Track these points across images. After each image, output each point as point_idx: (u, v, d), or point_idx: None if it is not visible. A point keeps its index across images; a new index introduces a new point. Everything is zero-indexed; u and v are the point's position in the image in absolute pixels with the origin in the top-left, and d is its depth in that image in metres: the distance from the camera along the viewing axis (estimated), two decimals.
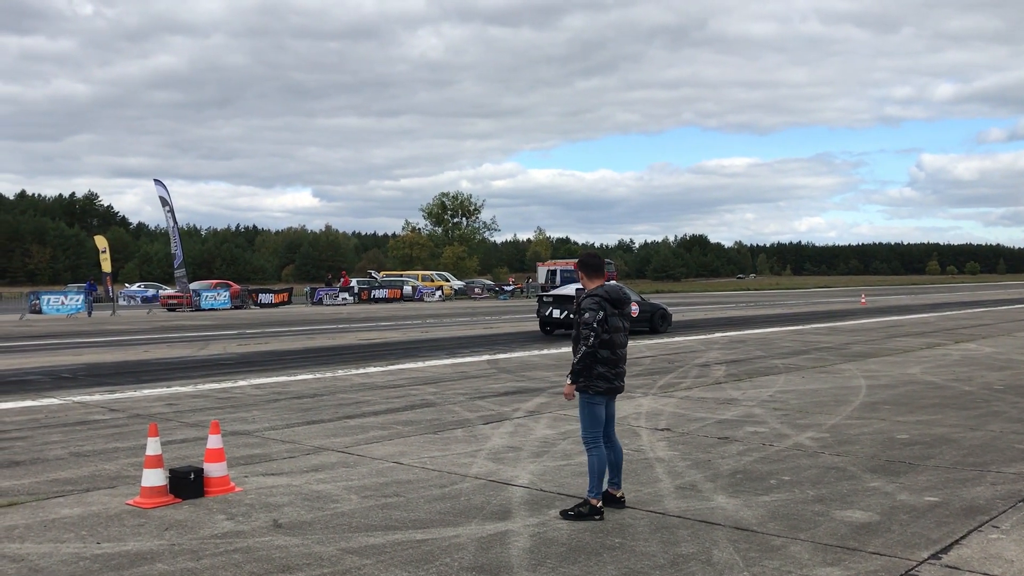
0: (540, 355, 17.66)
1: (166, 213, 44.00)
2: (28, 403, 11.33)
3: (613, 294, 6.06)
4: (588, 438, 6.05)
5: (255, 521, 5.91)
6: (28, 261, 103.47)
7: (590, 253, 6.43)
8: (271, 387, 12.91)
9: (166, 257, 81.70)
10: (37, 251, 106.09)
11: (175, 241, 44.38)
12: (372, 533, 5.62)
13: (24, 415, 10.39)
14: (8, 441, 8.77)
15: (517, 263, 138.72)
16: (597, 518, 5.90)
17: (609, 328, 5.96)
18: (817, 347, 19.40)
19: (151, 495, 6.31)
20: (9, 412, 10.60)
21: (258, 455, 8.10)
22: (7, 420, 10.02)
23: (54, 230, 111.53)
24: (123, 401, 11.52)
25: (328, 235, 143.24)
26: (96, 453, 8.20)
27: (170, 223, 44.18)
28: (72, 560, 5.11)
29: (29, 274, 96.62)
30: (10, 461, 7.84)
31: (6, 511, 6.18)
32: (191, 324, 30.05)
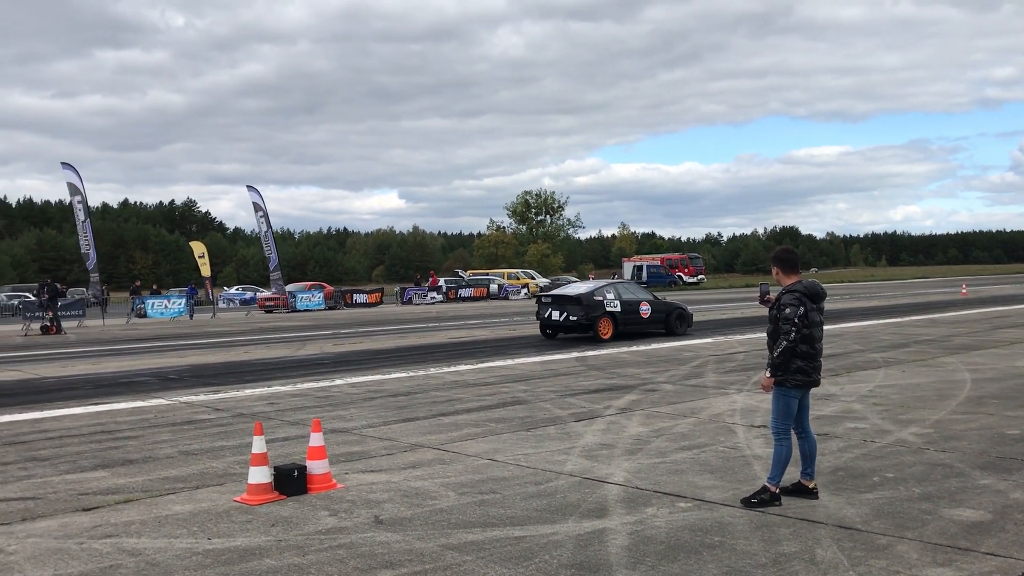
0: (629, 352, 17.56)
1: (259, 218, 45.29)
2: (138, 403, 11.83)
3: (812, 289, 6.12)
4: (779, 429, 6.16)
5: (357, 517, 6.06)
6: (132, 267, 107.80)
7: (785, 248, 6.43)
8: (367, 385, 13.18)
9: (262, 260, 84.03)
10: (140, 257, 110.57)
11: (270, 245, 45.65)
12: (471, 530, 5.70)
13: (135, 415, 10.86)
14: (121, 440, 9.19)
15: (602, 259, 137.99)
16: (777, 504, 6.04)
17: (808, 323, 6.02)
18: (917, 340, 18.76)
19: (257, 492, 6.53)
20: (121, 412, 11.09)
21: (357, 452, 8.29)
22: (120, 420, 10.49)
23: (155, 236, 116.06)
24: (227, 401, 11.93)
25: (415, 236, 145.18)
26: (203, 451, 8.52)
27: (264, 228, 45.47)
28: (185, 555, 5.33)
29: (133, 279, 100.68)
30: (124, 460, 8.21)
31: (123, 507, 6.48)
32: (288, 325, 30.88)
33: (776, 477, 6.14)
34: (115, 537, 5.72)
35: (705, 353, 16.91)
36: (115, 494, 6.87)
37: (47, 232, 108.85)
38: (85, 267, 37.47)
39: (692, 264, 79.41)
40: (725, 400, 11.02)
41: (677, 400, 11.12)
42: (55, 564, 5.20)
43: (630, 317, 20.46)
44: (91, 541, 5.64)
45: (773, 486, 6.13)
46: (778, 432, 6.18)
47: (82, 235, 36.88)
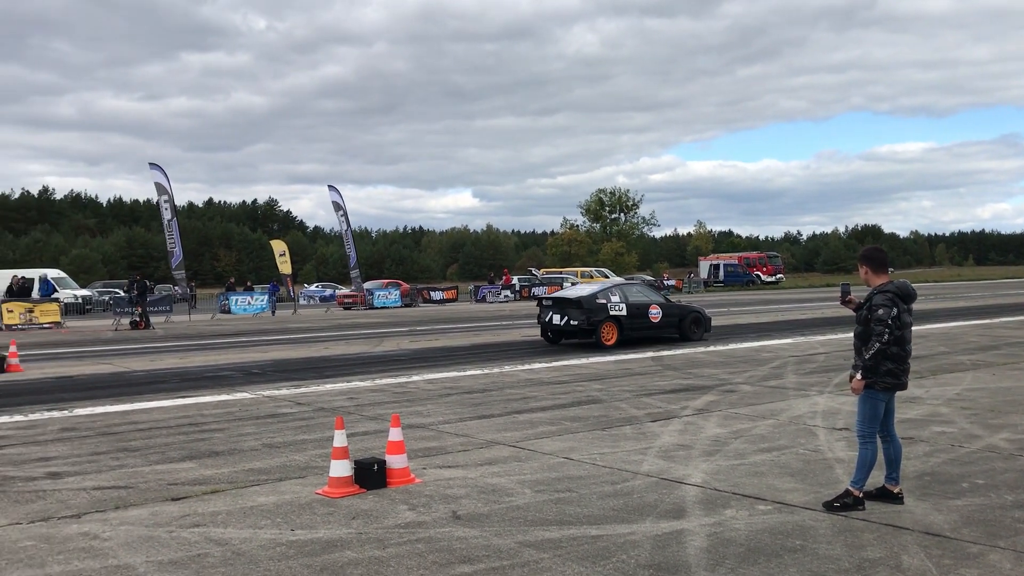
0: (706, 352, 17.35)
1: (340, 217, 46.13)
2: (223, 397, 12.18)
3: (904, 290, 6.01)
4: (865, 432, 6.04)
5: (435, 512, 6.13)
6: (216, 264, 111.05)
7: (875, 247, 6.28)
8: (442, 382, 13.31)
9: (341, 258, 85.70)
10: (224, 255, 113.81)
11: (349, 243, 46.49)
12: (548, 527, 5.72)
13: (220, 408, 11.19)
14: (208, 432, 9.47)
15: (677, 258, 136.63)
16: (861, 508, 5.94)
17: (900, 324, 5.91)
18: (1008, 342, 18.09)
19: (338, 485, 6.66)
20: (207, 405, 11.44)
21: (434, 448, 8.39)
22: (206, 413, 10.82)
23: (239, 235, 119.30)
24: (308, 395, 12.19)
25: (489, 234, 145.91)
26: (286, 444, 8.73)
27: (343, 226, 46.31)
28: (270, 545, 5.48)
29: (217, 276, 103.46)
30: (211, 451, 8.46)
31: (209, 498, 6.69)
32: (366, 321, 31.38)
33: (860, 481, 6.00)
34: (203, 526, 5.90)
35: (785, 354, 16.61)
36: (202, 485, 7.10)
37: (136, 230, 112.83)
38: (171, 264, 38.69)
39: (770, 263, 77.97)
40: (806, 402, 10.81)
41: (756, 401, 10.95)
42: (147, 551, 5.39)
43: (637, 322, 19.04)
44: (180, 530, 5.83)
45: (857, 490, 5.99)
46: (863, 435, 6.04)
47: (168, 233, 38.10)
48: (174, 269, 38.03)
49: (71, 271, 62.19)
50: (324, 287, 62.48)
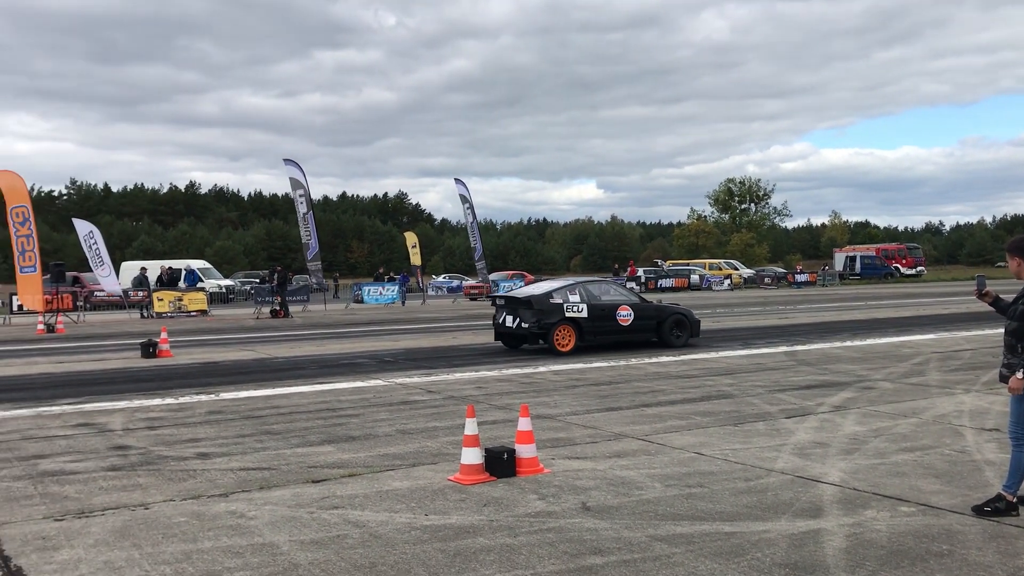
0: (843, 347, 16.75)
1: (466, 209, 46.82)
2: (358, 384, 12.58)
3: None
4: (1018, 434, 5.71)
5: (564, 503, 6.16)
6: (350, 256, 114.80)
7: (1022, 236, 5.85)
8: (569, 373, 13.34)
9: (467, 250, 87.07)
10: (357, 246, 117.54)
11: (475, 235, 47.13)
12: (679, 522, 5.66)
13: (355, 395, 11.56)
14: (344, 418, 9.81)
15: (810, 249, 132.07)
16: (1014, 514, 5.66)
17: None
18: None
19: (469, 472, 6.78)
20: (343, 392, 11.84)
21: (562, 439, 8.42)
22: (342, 399, 11.20)
23: (370, 227, 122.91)
24: (438, 384, 12.44)
25: (614, 225, 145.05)
26: (419, 431, 8.94)
27: (469, 218, 46.96)
28: (405, 529, 5.63)
29: (351, 267, 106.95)
30: (347, 436, 8.76)
31: (347, 481, 6.93)
32: (492, 312, 31.75)
33: (1014, 485, 5.67)
34: (341, 509, 6.12)
35: (927, 350, 15.84)
36: (340, 468, 7.36)
37: (275, 223, 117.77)
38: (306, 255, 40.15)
39: (911, 255, 74.34)
40: (951, 400, 10.29)
41: (897, 399, 10.50)
42: (289, 530, 5.64)
43: (601, 324, 16.65)
44: (320, 511, 6.07)
45: (1010, 495, 5.67)
46: (1017, 437, 5.69)
47: (304, 226, 39.55)
48: (309, 261, 39.43)
49: (215, 262, 65.55)
50: (451, 278, 63.56)
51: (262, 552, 5.21)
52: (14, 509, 6.23)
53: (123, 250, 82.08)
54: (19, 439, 8.83)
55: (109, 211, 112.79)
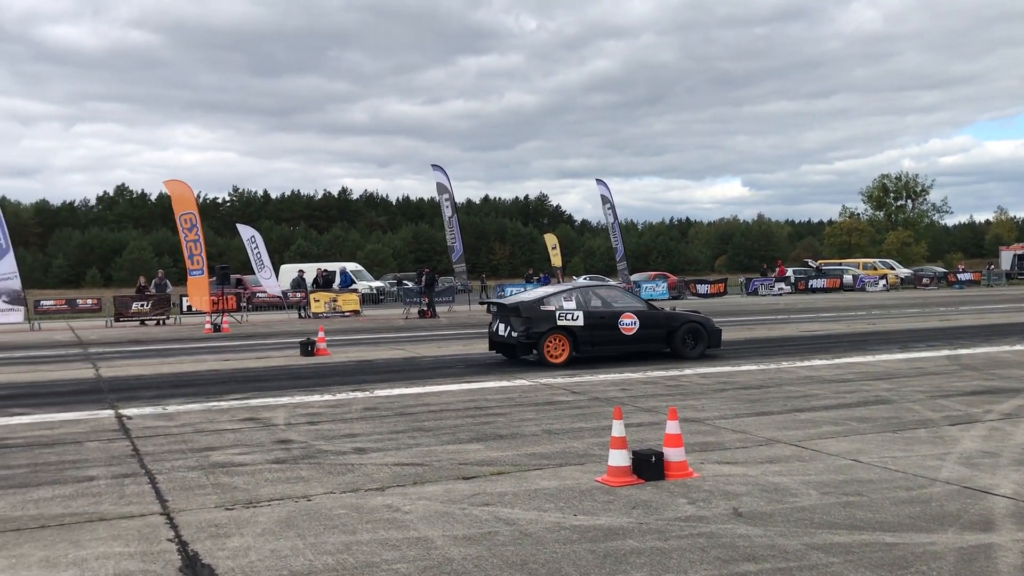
0: (1012, 351, 15.72)
1: (606, 210, 46.66)
2: (504, 383, 12.78)
3: None
4: None
5: (715, 508, 6.07)
6: (492, 257, 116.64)
7: None
8: (716, 376, 13.10)
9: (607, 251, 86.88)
10: (499, 248, 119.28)
11: (616, 236, 46.91)
12: (836, 531, 5.47)
13: (501, 394, 11.74)
14: (491, 416, 9.99)
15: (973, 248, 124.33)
16: None
17: None
18: None
19: (617, 474, 6.78)
20: (490, 391, 12.05)
21: (711, 443, 8.29)
22: (489, 398, 11.41)
23: (512, 229, 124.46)
24: (582, 384, 12.48)
25: (760, 224, 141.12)
26: (564, 431, 9.00)
27: (610, 219, 46.78)
28: (554, 528, 5.69)
29: (492, 268, 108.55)
30: (495, 434, 8.92)
31: (496, 479, 7.06)
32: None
33: None
34: (492, 506, 6.25)
35: None
36: (489, 466, 7.50)
37: (421, 226, 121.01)
38: (451, 257, 41.04)
39: None
40: None
41: None
42: (443, 525, 5.80)
43: (600, 334, 15.19)
44: (472, 508, 6.21)
45: None
46: None
47: (449, 229, 40.46)
48: (455, 262, 40.30)
49: (366, 264, 67.98)
50: (592, 279, 63.51)
51: (417, 546, 5.39)
52: (189, 498, 6.67)
53: (281, 253, 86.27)
54: (192, 432, 9.44)
55: (268, 216, 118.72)
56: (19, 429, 9.77)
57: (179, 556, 5.29)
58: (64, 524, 6.00)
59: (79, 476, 7.43)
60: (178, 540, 5.60)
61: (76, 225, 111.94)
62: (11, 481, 7.29)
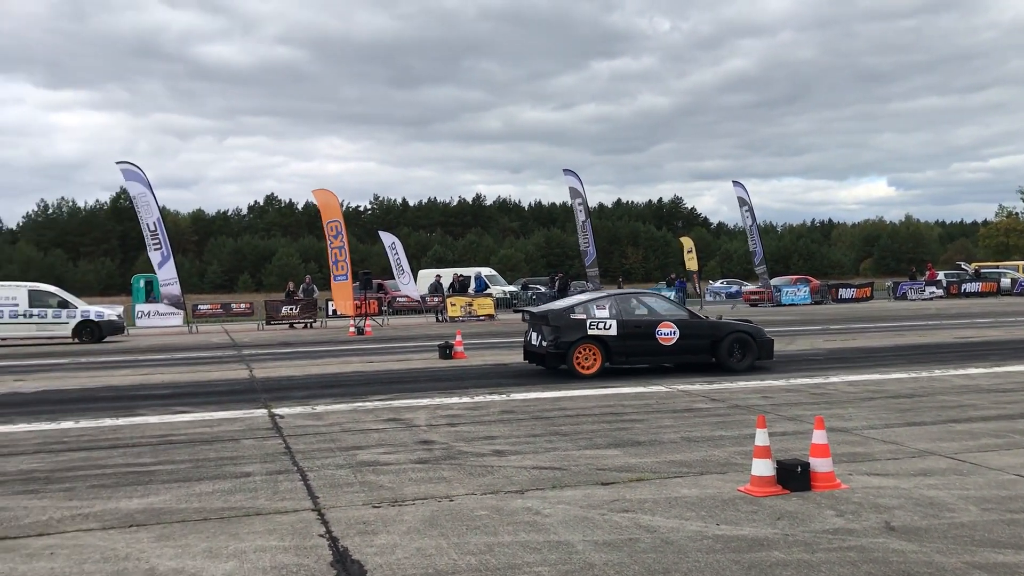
0: None
1: (744, 212, 45.59)
2: (640, 389, 12.67)
3: None
4: None
5: (865, 521, 5.84)
6: (624, 261, 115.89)
7: None
8: (864, 384, 12.58)
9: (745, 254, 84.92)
10: (631, 252, 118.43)
11: (754, 239, 45.79)
12: (1000, 550, 5.17)
13: (638, 400, 11.66)
14: (628, 423, 9.93)
15: None
16: None
17: None
18: None
19: (760, 484, 6.62)
20: (626, 396, 11.98)
21: (860, 453, 7.98)
22: (625, 404, 11.35)
23: (645, 233, 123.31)
24: (721, 392, 12.24)
25: (908, 225, 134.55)
26: (704, 439, 8.85)
27: (748, 221, 45.68)
28: (696, 537, 5.61)
29: (625, 273, 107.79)
30: (633, 441, 8.87)
31: (636, 485, 7.02)
32: (775, 319, 30.65)
33: None
34: (631, 512, 6.22)
35: None
36: (628, 472, 7.47)
37: (553, 231, 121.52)
38: (584, 262, 41.05)
39: None
40: None
41: None
42: (582, 530, 5.81)
43: (635, 344, 14.38)
44: (611, 513, 6.20)
45: None
46: None
47: (582, 233, 40.48)
48: (588, 267, 40.29)
49: (499, 269, 68.78)
50: (730, 283, 62.17)
51: (558, 549, 5.42)
52: (338, 495, 6.94)
53: (419, 259, 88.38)
54: (339, 431, 9.81)
55: (407, 223, 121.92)
56: (181, 427, 10.41)
57: (330, 551, 5.51)
58: (224, 517, 6.36)
59: (236, 472, 7.85)
60: (329, 536, 5.84)
61: (229, 233, 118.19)
62: (176, 475, 7.78)
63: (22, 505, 6.83)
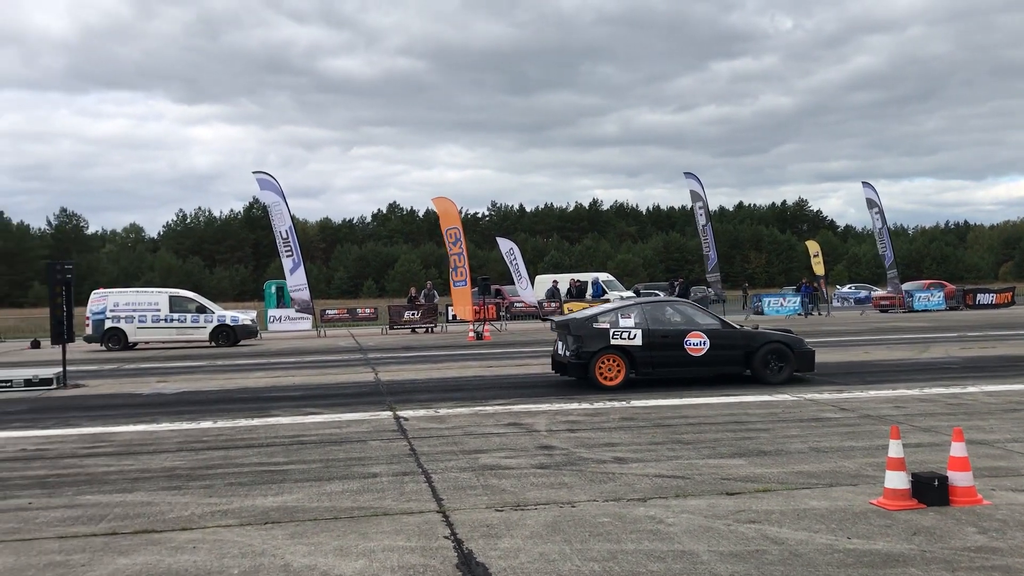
0: None
1: (873, 214, 43.86)
2: (765, 397, 12.36)
3: None
4: None
5: (1011, 539, 5.54)
6: (747, 266, 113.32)
7: None
8: (1006, 395, 11.92)
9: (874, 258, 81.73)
10: (754, 256, 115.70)
11: (884, 242, 43.99)
12: None
13: (763, 408, 11.38)
14: (753, 432, 9.71)
15: None
16: None
17: None
18: None
19: (894, 497, 6.37)
20: (750, 405, 11.72)
21: (1002, 468, 7.57)
22: (749, 412, 11.10)
23: (768, 236, 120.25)
24: (851, 401, 11.82)
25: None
26: (833, 450, 8.57)
27: (878, 224, 43.92)
28: (826, 551, 5.44)
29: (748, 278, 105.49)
30: (758, 450, 8.67)
31: (762, 496, 6.86)
32: (906, 325, 29.40)
33: None
34: (758, 523, 6.08)
35: None
36: (753, 482, 7.31)
37: (672, 235, 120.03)
38: (705, 267, 40.36)
39: None
40: None
41: None
42: (707, 540, 5.72)
43: (662, 355, 13.79)
44: (736, 524, 6.08)
45: None
46: None
47: (703, 238, 39.82)
48: (709, 272, 39.60)
49: (616, 274, 68.35)
50: (858, 288, 59.93)
51: (682, 559, 5.36)
52: (462, 498, 7.06)
53: (535, 264, 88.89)
54: (461, 435, 9.97)
55: (524, 229, 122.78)
56: (312, 427, 10.80)
57: (455, 553, 5.62)
58: (353, 517, 6.56)
59: (364, 472, 8.08)
60: (454, 538, 5.95)
61: (354, 240, 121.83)
62: (307, 475, 8.08)
63: (166, 501, 7.23)
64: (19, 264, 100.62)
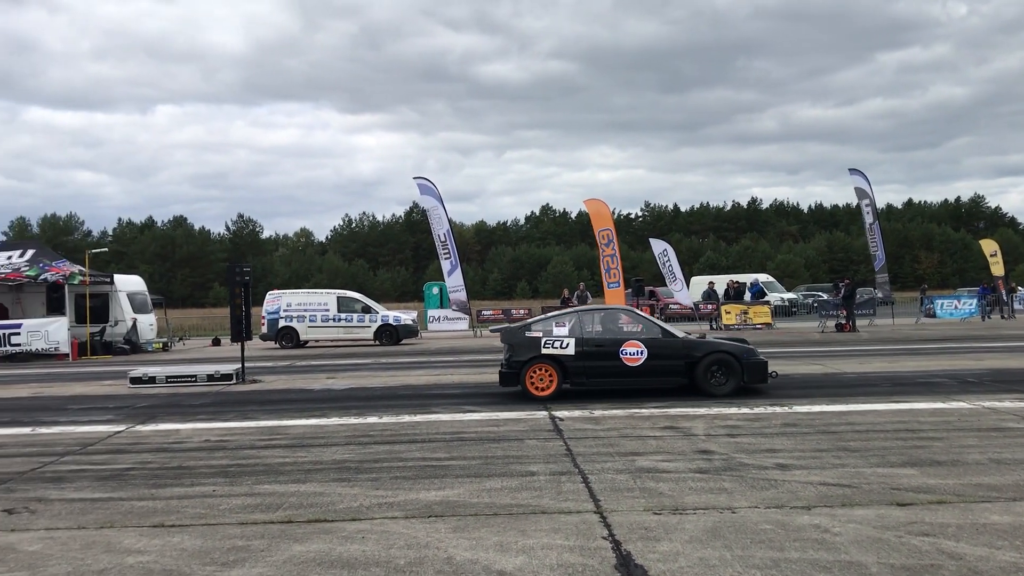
0: None
1: None
2: (938, 405, 11.72)
3: None
4: None
5: None
6: (917, 266, 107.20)
7: None
8: None
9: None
10: (924, 256, 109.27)
11: None
12: None
13: (936, 416, 10.79)
14: (926, 440, 9.23)
15: None
16: None
17: None
18: None
19: None
20: (922, 412, 11.14)
21: None
22: (921, 420, 10.55)
23: (940, 235, 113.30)
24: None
25: None
26: (1016, 462, 8.04)
27: None
28: (1010, 569, 5.13)
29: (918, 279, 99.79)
30: (931, 460, 8.24)
31: (936, 508, 6.52)
32: None
33: None
34: (932, 536, 5.80)
35: None
36: (926, 493, 6.96)
37: (836, 234, 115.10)
38: (872, 267, 38.55)
39: None
40: None
41: None
42: (876, 552, 5.51)
43: (596, 365, 13.09)
44: (908, 536, 5.82)
45: None
46: None
47: (870, 237, 38.02)
48: (877, 272, 37.82)
49: (776, 275, 66.31)
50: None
51: (850, 570, 5.19)
52: (619, 500, 7.07)
53: (691, 265, 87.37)
54: (617, 436, 9.98)
55: (678, 229, 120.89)
56: (471, 425, 11.08)
57: (613, 554, 5.64)
58: (512, 514, 6.70)
59: (522, 471, 8.23)
60: (611, 539, 5.98)
61: (508, 243, 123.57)
62: (468, 471, 8.30)
63: (337, 492, 7.61)
64: (201, 267, 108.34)
